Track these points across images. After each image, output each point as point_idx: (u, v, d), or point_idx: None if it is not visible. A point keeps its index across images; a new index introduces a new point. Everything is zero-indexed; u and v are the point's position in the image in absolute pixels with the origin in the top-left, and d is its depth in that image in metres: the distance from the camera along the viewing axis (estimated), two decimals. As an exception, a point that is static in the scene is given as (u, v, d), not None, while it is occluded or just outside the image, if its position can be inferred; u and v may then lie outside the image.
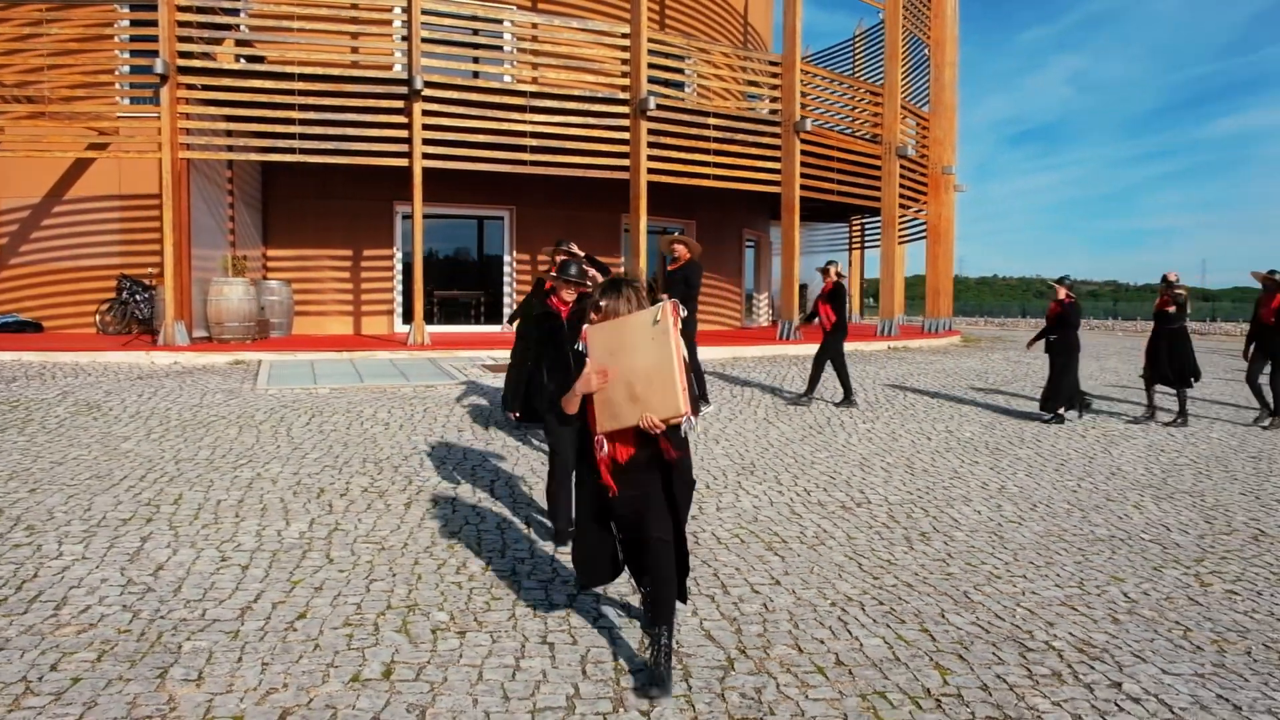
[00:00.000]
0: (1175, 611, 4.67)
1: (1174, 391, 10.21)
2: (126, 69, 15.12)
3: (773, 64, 16.77)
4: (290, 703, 3.34)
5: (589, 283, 5.16)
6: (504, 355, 12.94)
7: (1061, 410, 9.97)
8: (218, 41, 14.76)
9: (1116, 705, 3.56)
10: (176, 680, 3.49)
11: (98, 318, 16.88)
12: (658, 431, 3.39)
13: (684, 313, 3.43)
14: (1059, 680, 3.77)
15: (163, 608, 4.20)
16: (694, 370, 6.87)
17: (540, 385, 5.14)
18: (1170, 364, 9.97)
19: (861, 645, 4.05)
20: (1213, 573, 5.32)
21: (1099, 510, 6.60)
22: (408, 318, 17.75)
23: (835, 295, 10.26)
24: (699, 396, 6.57)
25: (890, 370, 13.41)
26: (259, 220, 17.14)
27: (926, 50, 21.28)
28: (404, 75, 13.64)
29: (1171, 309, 10.06)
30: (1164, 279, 10.36)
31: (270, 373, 11.38)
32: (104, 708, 3.26)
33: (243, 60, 14.86)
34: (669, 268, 9.30)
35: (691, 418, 3.36)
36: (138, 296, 16.63)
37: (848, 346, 11.50)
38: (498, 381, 10.67)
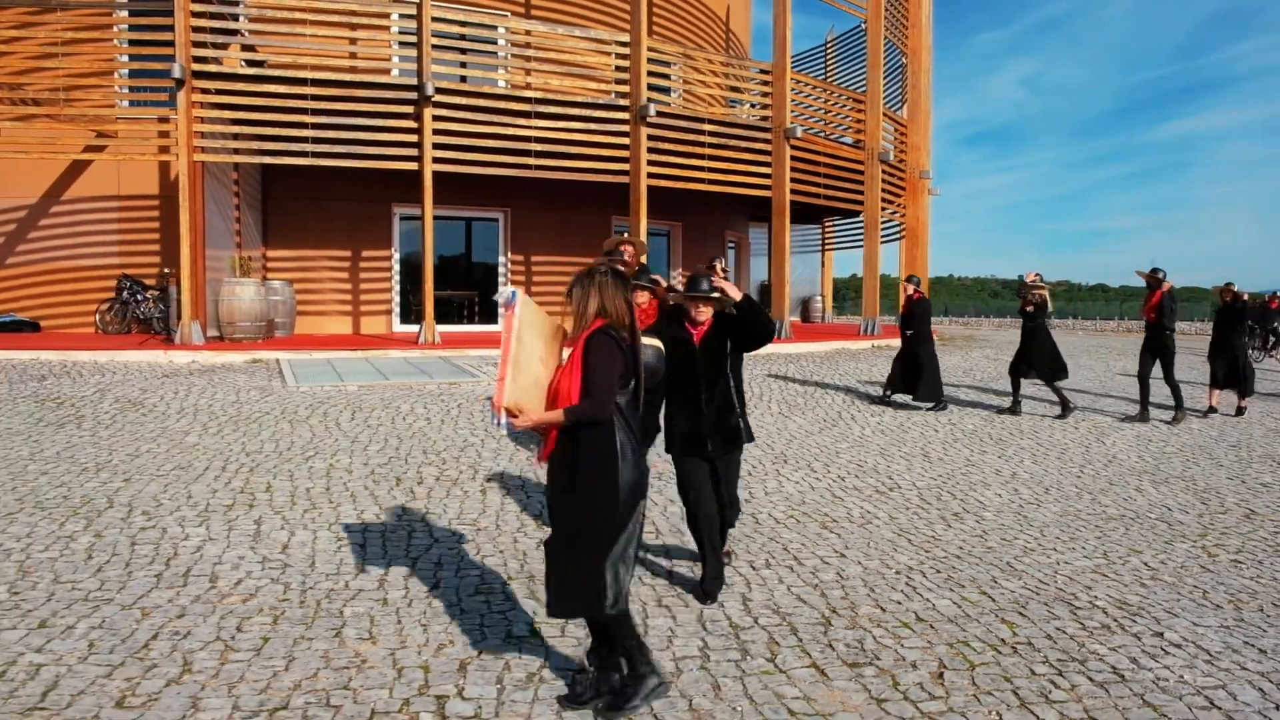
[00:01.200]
0: (1191, 578, 5.29)
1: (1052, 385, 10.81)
2: (126, 72, 15.32)
3: (764, 72, 17.37)
4: (463, 655, 3.82)
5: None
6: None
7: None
8: (224, 46, 15.01)
9: (1162, 650, 4.15)
10: (353, 639, 3.96)
11: (98, 317, 17.02)
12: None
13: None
14: (1109, 631, 4.36)
15: (306, 580, 4.65)
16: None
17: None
18: (1034, 360, 10.66)
19: (934, 605, 4.61)
20: (1217, 545, 5.96)
21: (1105, 493, 7.25)
22: (406, 317, 18.14)
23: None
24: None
25: (881, 368, 14.04)
26: (259, 221, 17.39)
27: (903, 58, 22.02)
28: (414, 81, 14.02)
29: (1030, 309, 10.81)
30: (1021, 280, 11.18)
31: (294, 371, 11.73)
32: (302, 660, 3.72)
33: (244, 64, 15.12)
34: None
35: (499, 415, 3.23)
36: (138, 296, 16.81)
37: (834, 345, 12.11)
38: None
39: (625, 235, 8.95)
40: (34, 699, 3.33)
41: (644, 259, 8.29)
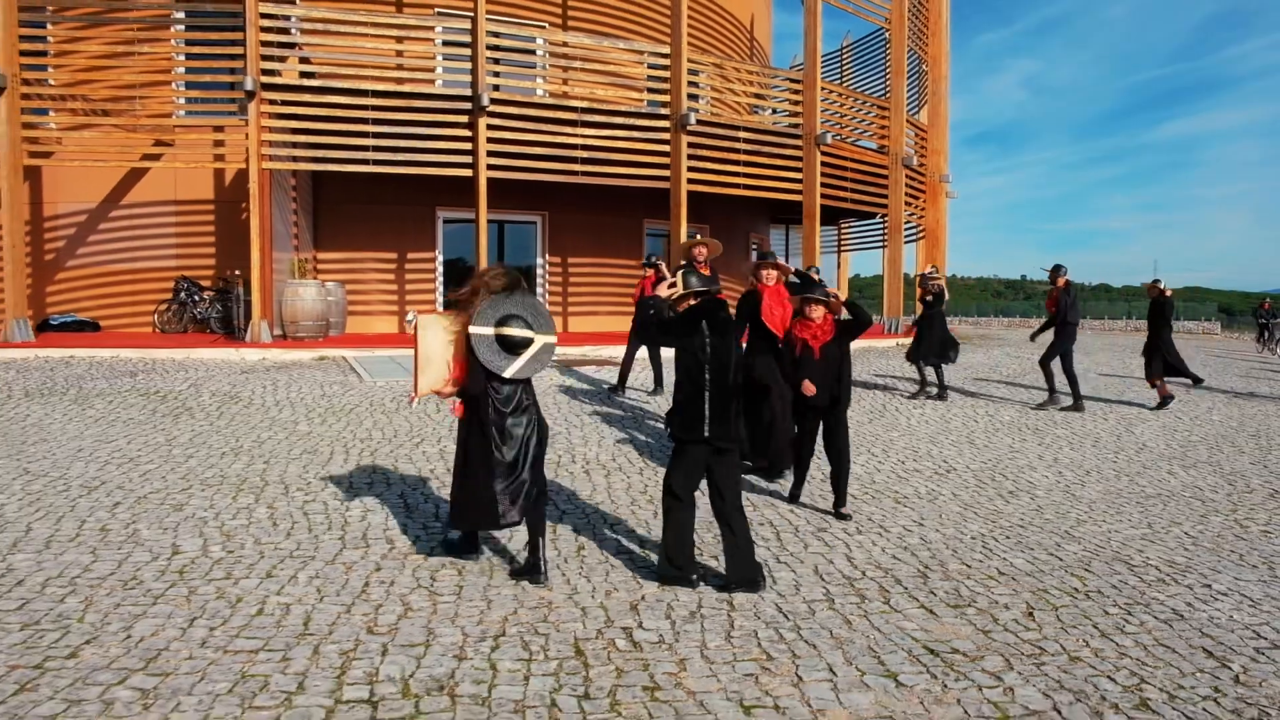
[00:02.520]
0: (1228, 545, 6.02)
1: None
2: (181, 84, 16.10)
3: (795, 81, 18.09)
4: (630, 597, 4.56)
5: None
6: (562, 353, 14.14)
7: None
8: (283, 59, 15.75)
9: (1211, 597, 4.89)
10: (531, 587, 4.70)
11: (156, 317, 17.75)
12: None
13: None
14: (1164, 583, 5.10)
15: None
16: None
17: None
18: (930, 345, 11.58)
19: (1011, 563, 5.35)
20: (1247, 519, 6.69)
21: (1140, 475, 7.98)
22: (449, 316, 18.86)
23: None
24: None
25: (908, 365, 14.76)
26: (310, 224, 18.13)
27: (923, 65, 22.74)
28: (468, 91, 14.77)
29: (929, 298, 11.69)
30: (922, 273, 12.12)
31: (365, 367, 12.47)
32: (499, 603, 4.46)
33: (300, 76, 15.86)
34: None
35: (414, 398, 4.94)
36: (195, 297, 17.55)
37: (861, 344, 12.83)
38: (569, 376, 11.89)
39: (699, 238, 9.59)
40: (298, 628, 4.08)
41: (685, 261, 9.02)
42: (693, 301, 4.86)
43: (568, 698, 3.48)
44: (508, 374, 4.68)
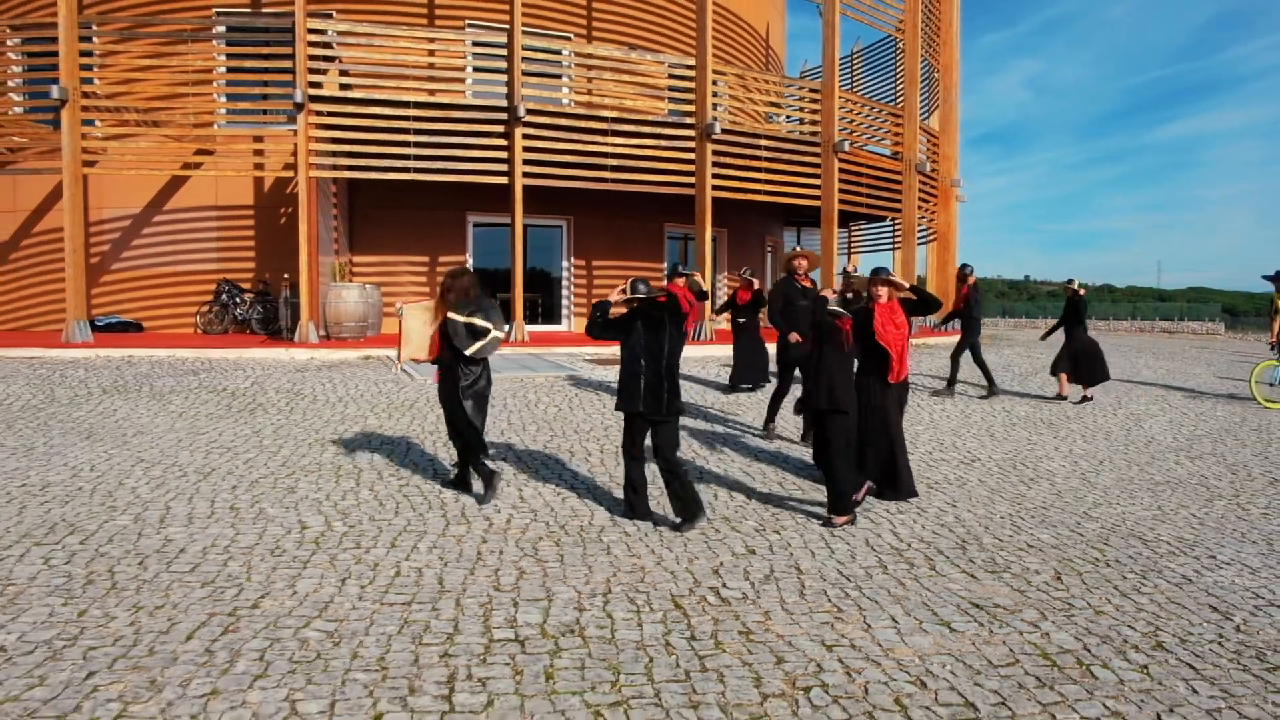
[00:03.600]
0: (1231, 524, 6.69)
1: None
2: (222, 96, 16.82)
3: (813, 91, 18.79)
4: (711, 564, 5.25)
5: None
6: (595, 352, 14.83)
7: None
8: (324, 72, 16.46)
9: (1216, 566, 5.57)
10: (623, 555, 5.39)
11: (198, 318, 18.48)
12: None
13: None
14: (1174, 555, 5.78)
15: (556, 519, 6.08)
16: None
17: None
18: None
19: (1038, 538, 6.04)
20: (1248, 503, 7.37)
21: (1150, 465, 8.66)
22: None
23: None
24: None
25: (927, 364, 15.45)
26: (346, 228, 18.84)
27: (935, 73, 23.42)
28: (504, 103, 15.47)
29: (849, 295, 12.43)
30: (844, 270, 12.93)
31: (411, 367, 13.15)
32: (598, 568, 5.16)
33: (339, 88, 16.57)
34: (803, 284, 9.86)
35: (398, 365, 6.94)
36: (236, 299, 18.25)
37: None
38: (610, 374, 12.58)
39: (798, 250, 10.26)
40: (435, 586, 4.77)
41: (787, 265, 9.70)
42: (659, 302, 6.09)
43: (678, 639, 4.17)
44: (469, 352, 6.44)
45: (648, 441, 6.07)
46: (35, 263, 19.28)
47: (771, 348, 10.98)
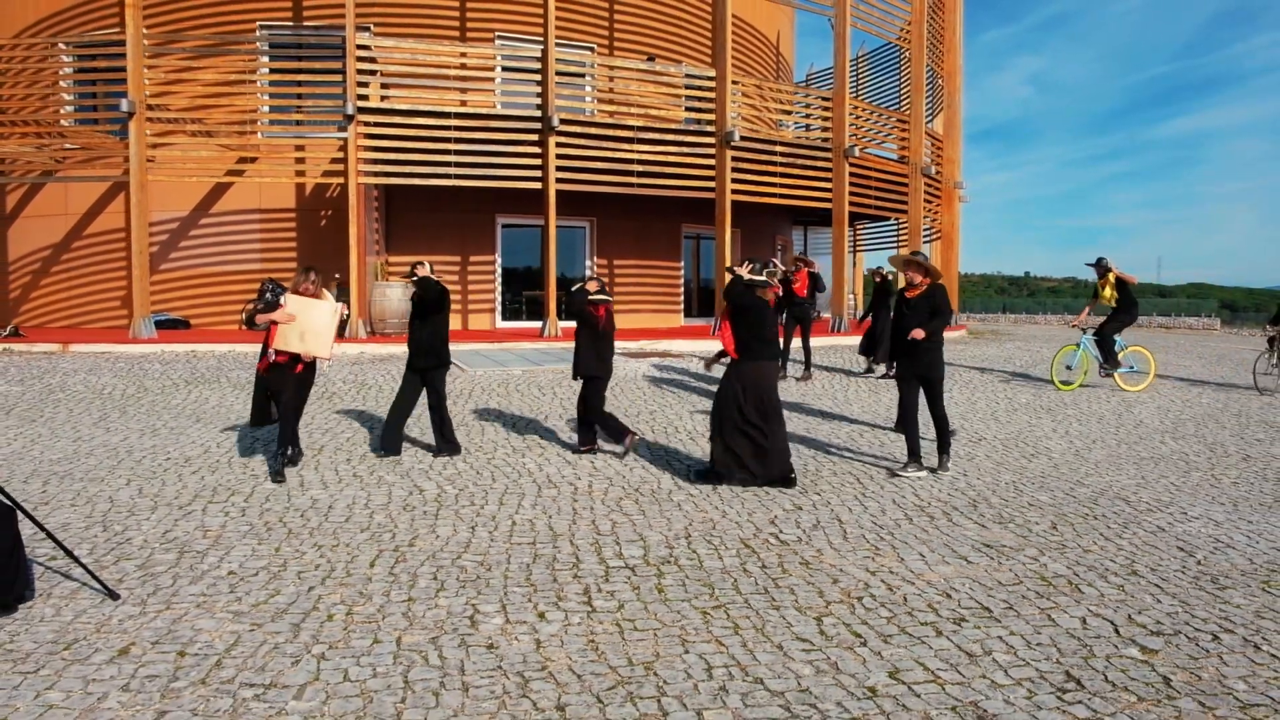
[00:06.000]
0: (1204, 490, 7.79)
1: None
2: (266, 108, 17.91)
3: (824, 99, 19.88)
4: (770, 515, 6.35)
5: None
6: (622, 346, 15.92)
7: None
8: (366, 85, 17.55)
9: (1186, 520, 6.67)
10: (693, 510, 6.49)
11: (244, 316, 19.53)
12: (307, 359, 7.46)
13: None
14: (1152, 511, 6.88)
15: (629, 482, 7.18)
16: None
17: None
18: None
19: (1038, 499, 7.14)
20: (1221, 475, 8.46)
21: (1138, 444, 9.75)
22: (506, 315, 20.71)
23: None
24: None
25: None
26: (383, 230, 19.94)
27: (939, 80, 24.51)
28: (538, 113, 16.56)
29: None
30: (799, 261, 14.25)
31: (458, 360, 14.23)
32: (674, 520, 6.26)
33: (380, 99, 17.66)
34: (908, 295, 11.08)
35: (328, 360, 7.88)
36: (281, 298, 19.28)
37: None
38: (644, 364, 13.64)
39: (913, 254, 11.32)
40: (548, 532, 5.87)
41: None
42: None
43: (753, 567, 5.27)
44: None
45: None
46: (87, 263, 20.41)
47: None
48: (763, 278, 7.43)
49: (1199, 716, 3.60)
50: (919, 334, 7.87)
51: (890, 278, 14.19)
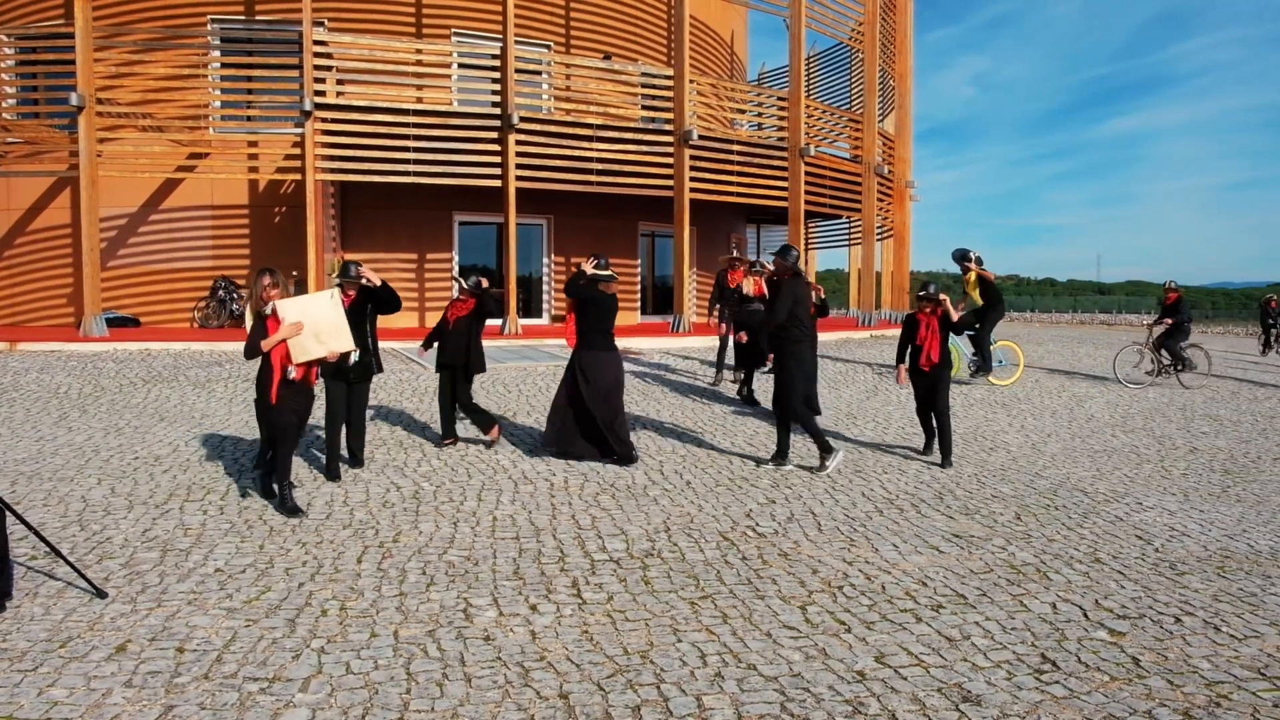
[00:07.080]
0: (1156, 482, 8.09)
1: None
2: (218, 103, 17.68)
3: (780, 99, 20.12)
4: (759, 503, 6.49)
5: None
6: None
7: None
8: (322, 80, 17.39)
9: (1142, 509, 6.94)
10: (681, 502, 6.61)
11: (195, 314, 19.27)
12: (334, 359, 6.42)
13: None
14: (1110, 502, 7.14)
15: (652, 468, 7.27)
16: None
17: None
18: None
19: (1000, 491, 7.37)
20: (1171, 466, 8.79)
21: (1091, 438, 10.08)
22: (464, 312, 20.62)
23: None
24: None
25: (883, 353, 16.86)
26: (339, 227, 19.76)
27: (891, 80, 24.91)
28: (497, 110, 16.55)
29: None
30: (758, 263, 14.56)
31: (420, 358, 14.18)
32: (654, 513, 6.37)
33: (337, 95, 17.51)
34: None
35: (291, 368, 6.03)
36: (233, 295, 19.07)
37: (840, 335, 14.81)
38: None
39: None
40: (530, 528, 5.94)
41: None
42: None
43: (734, 559, 5.40)
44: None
45: None
46: (31, 260, 19.93)
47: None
48: (606, 273, 7.98)
49: (1169, 693, 3.80)
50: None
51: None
